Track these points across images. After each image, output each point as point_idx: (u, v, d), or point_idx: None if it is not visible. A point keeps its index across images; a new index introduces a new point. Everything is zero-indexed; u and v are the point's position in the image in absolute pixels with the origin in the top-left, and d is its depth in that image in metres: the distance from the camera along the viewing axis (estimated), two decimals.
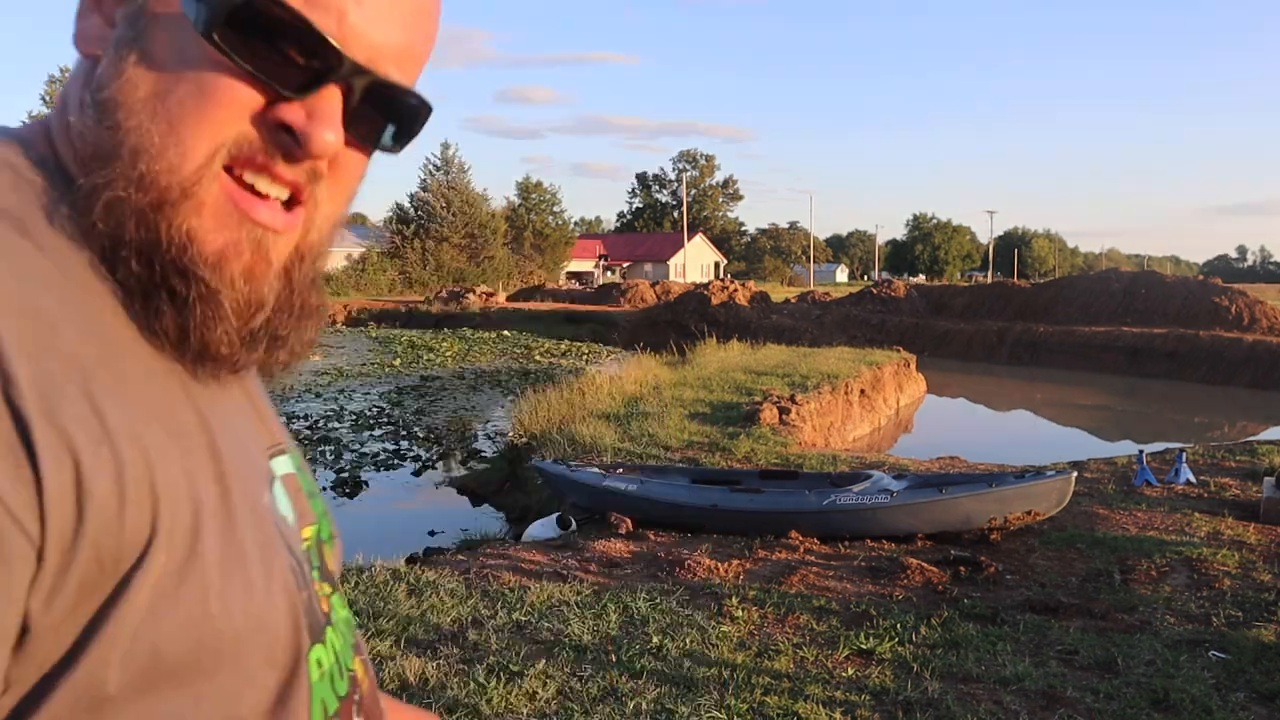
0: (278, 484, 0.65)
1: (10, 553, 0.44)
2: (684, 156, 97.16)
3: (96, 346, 0.52)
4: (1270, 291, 43.97)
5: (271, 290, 0.59)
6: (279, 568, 0.59)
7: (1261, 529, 6.34)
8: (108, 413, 0.49)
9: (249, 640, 0.55)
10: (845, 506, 6.13)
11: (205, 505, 0.53)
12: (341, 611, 0.70)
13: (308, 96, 0.56)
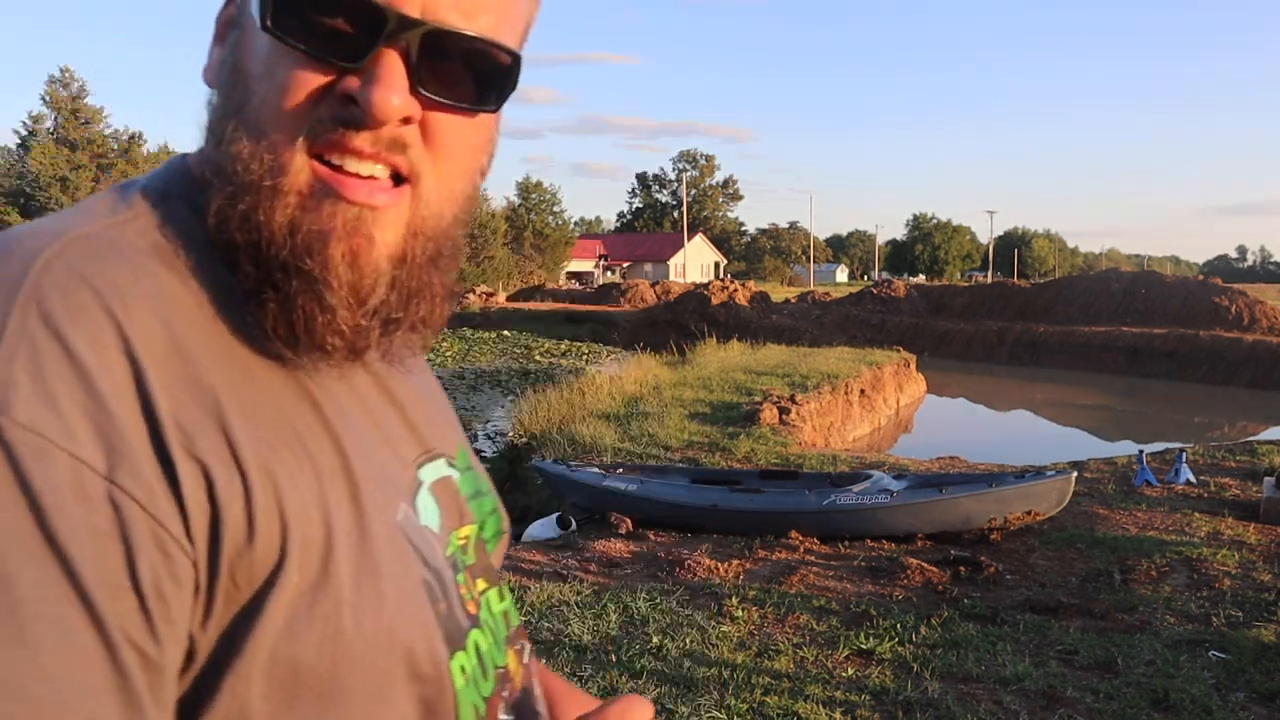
0: (423, 493, 0.66)
1: (180, 574, 0.48)
2: (684, 156, 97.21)
3: (230, 376, 0.54)
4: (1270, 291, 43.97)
5: (379, 272, 0.58)
6: (412, 583, 0.60)
7: (1261, 529, 6.34)
8: (240, 444, 0.52)
9: (385, 656, 0.56)
10: (845, 506, 6.13)
11: (338, 526, 0.55)
12: (498, 604, 0.72)
13: (364, 63, 0.55)
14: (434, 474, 0.68)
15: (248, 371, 0.56)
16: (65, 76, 37.62)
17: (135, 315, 0.51)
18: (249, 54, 0.57)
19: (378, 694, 0.56)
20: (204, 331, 0.54)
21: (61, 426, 0.46)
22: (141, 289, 0.52)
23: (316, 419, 0.58)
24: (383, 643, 0.56)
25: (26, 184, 35.88)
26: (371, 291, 0.58)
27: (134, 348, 0.50)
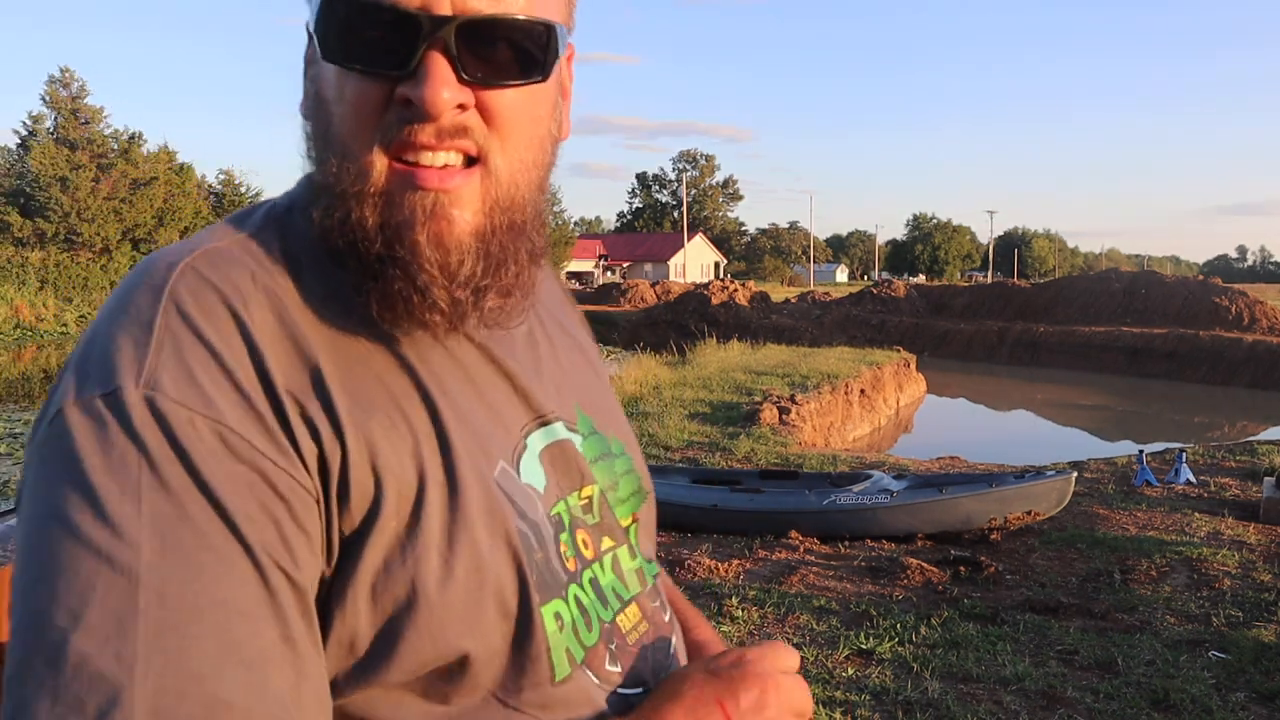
0: (529, 455, 0.73)
1: (308, 510, 0.60)
2: (684, 156, 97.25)
3: (333, 357, 0.64)
4: (1270, 291, 43.98)
5: (465, 248, 0.65)
6: (504, 532, 0.67)
7: (1261, 529, 6.35)
8: (339, 410, 0.62)
9: (476, 593, 0.65)
10: (845, 506, 6.13)
11: (430, 479, 0.65)
12: (628, 562, 0.80)
13: (412, 67, 0.62)
14: (547, 438, 0.76)
15: (350, 352, 0.66)
16: (65, 76, 37.61)
17: (252, 310, 0.62)
18: (324, 83, 0.66)
19: (468, 627, 0.65)
20: (312, 321, 0.65)
21: (202, 398, 0.58)
22: (257, 289, 0.64)
23: (414, 389, 0.67)
24: (473, 582, 0.65)
25: (26, 184, 35.87)
26: (460, 266, 0.65)
27: (252, 336, 0.61)
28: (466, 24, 0.62)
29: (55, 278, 34.97)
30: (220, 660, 0.53)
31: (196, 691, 0.52)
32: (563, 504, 0.75)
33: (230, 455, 0.58)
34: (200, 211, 41.17)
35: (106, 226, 36.61)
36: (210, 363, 0.60)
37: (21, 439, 12.02)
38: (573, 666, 0.71)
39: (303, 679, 0.57)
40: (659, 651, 0.79)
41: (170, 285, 0.62)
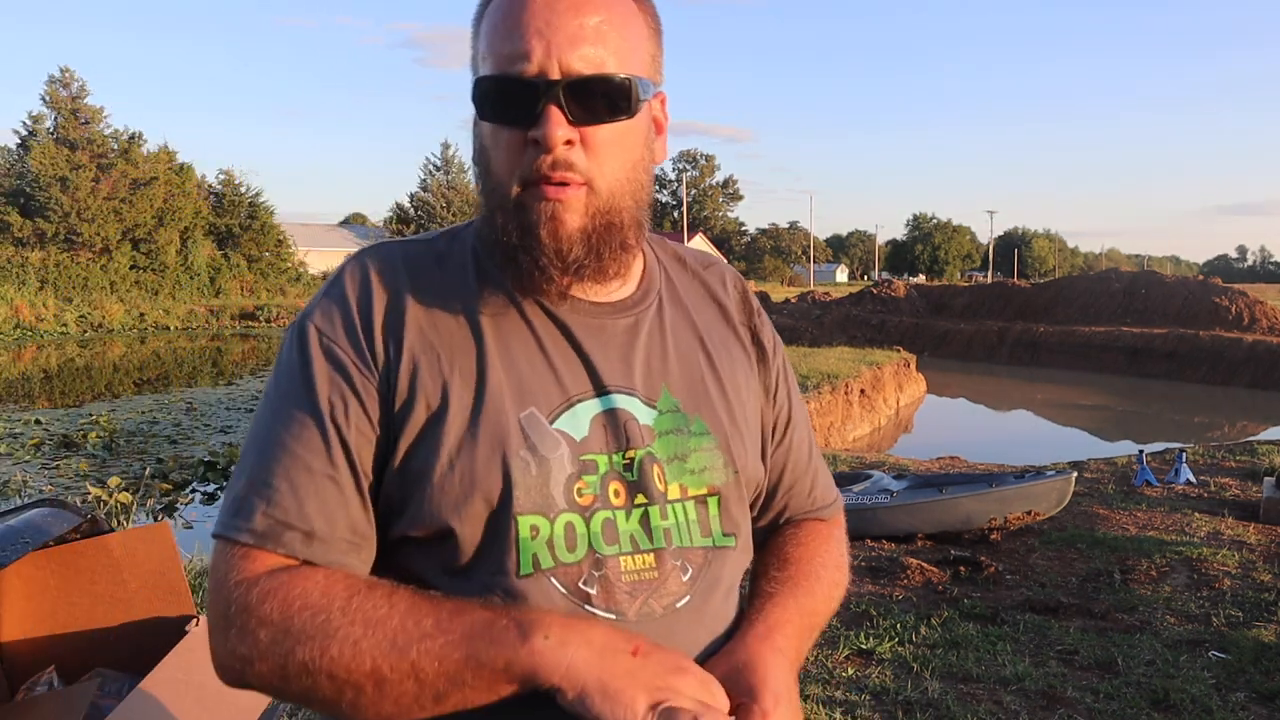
0: (574, 412, 0.93)
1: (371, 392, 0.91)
2: (684, 156, 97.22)
3: (423, 315, 0.94)
4: (1270, 291, 43.98)
5: (573, 240, 0.91)
6: (502, 454, 0.89)
7: (1261, 529, 6.35)
8: (406, 348, 0.92)
9: (467, 486, 0.88)
10: (845, 506, 6.12)
11: (454, 402, 0.90)
12: (658, 521, 0.94)
13: (537, 119, 0.88)
14: (604, 405, 0.95)
15: (439, 314, 0.94)
16: (65, 76, 37.62)
17: (382, 279, 0.95)
18: (484, 137, 0.93)
19: (455, 510, 0.89)
20: (425, 293, 0.95)
21: (329, 325, 0.93)
22: (389, 270, 0.96)
23: (472, 344, 0.93)
24: (467, 480, 0.89)
25: (26, 184, 35.86)
26: (570, 252, 0.91)
27: (372, 296, 0.94)
28: (571, 83, 0.87)
29: (55, 278, 34.95)
30: (284, 469, 0.89)
31: (259, 481, 0.89)
32: (604, 457, 0.93)
33: (328, 357, 0.92)
34: (200, 211, 41.16)
35: (106, 226, 36.59)
36: (340, 307, 0.94)
37: (21, 439, 12.01)
38: (537, 570, 0.89)
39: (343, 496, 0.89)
40: (657, 599, 0.92)
41: (346, 265, 0.98)
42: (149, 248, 38.30)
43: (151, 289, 37.88)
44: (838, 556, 1.15)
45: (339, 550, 0.89)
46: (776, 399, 1.11)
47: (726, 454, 0.99)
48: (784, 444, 1.12)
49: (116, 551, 2.26)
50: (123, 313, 34.36)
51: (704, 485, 0.98)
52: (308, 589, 0.85)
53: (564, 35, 0.87)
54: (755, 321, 1.12)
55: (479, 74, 0.91)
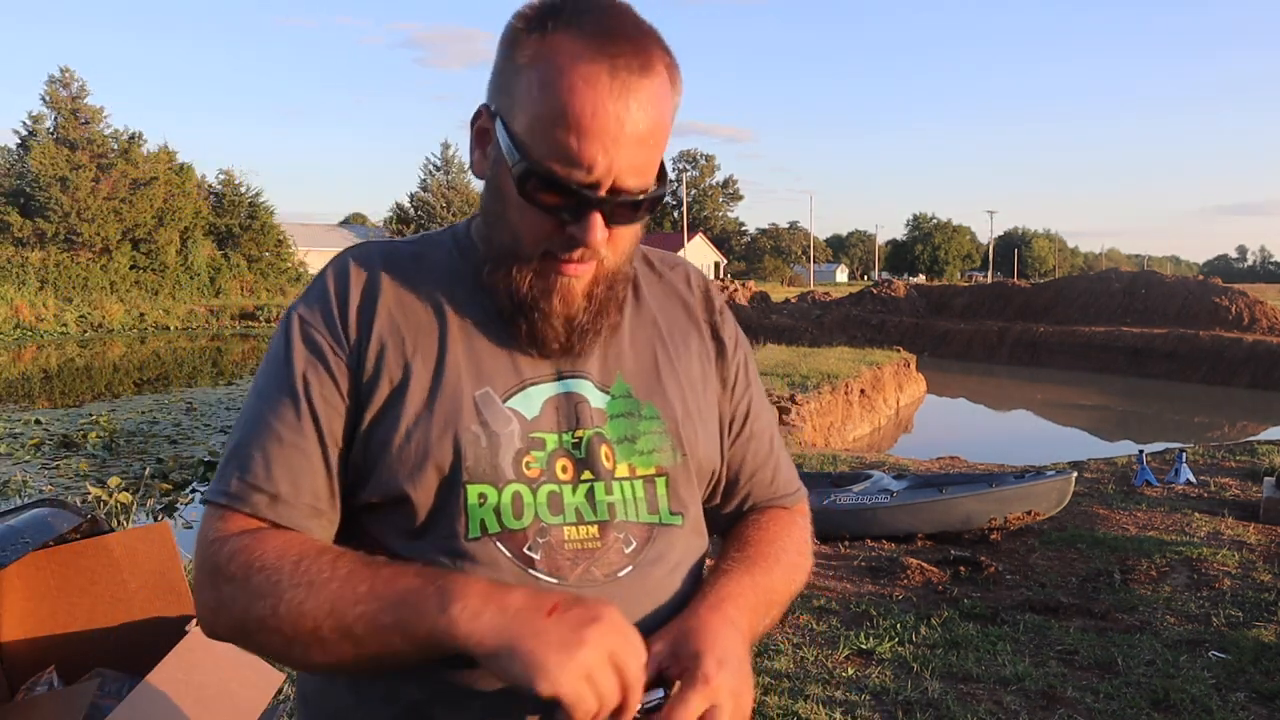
0: (528, 392, 1.02)
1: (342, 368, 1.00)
2: (684, 156, 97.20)
3: (395, 304, 1.02)
4: (1270, 291, 43.96)
5: (579, 306, 1.00)
6: (455, 428, 0.98)
7: (1261, 529, 6.35)
8: (374, 333, 1.01)
9: (420, 455, 0.97)
10: (845, 506, 6.13)
11: (414, 381, 0.99)
12: (603, 496, 1.01)
13: (581, 219, 0.94)
14: (559, 389, 1.03)
15: (406, 302, 1.03)
16: (65, 76, 37.61)
17: (360, 272, 1.04)
18: (507, 184, 0.96)
19: (409, 478, 0.97)
20: (399, 285, 1.04)
21: (310, 314, 1.03)
22: (371, 264, 1.05)
23: (437, 330, 1.02)
24: (421, 451, 0.97)
25: (26, 184, 35.85)
26: (577, 316, 1.00)
27: (349, 289, 1.03)
28: (620, 201, 0.94)
29: (55, 278, 34.95)
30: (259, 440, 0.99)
31: (240, 450, 0.99)
32: (554, 435, 1.01)
33: (306, 341, 1.01)
34: (200, 211, 41.15)
35: (106, 226, 36.58)
36: (321, 298, 1.03)
37: (21, 439, 12.01)
38: (484, 534, 0.97)
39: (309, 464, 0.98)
40: (598, 567, 0.99)
41: (331, 262, 1.07)
42: (149, 248, 38.29)
43: (151, 289, 37.87)
44: (799, 541, 1.18)
45: (301, 514, 0.98)
46: (735, 391, 1.17)
47: (675, 438, 1.06)
48: (744, 434, 1.18)
49: (116, 551, 2.26)
50: (123, 313, 34.35)
51: (652, 466, 1.05)
52: (266, 550, 0.93)
53: (626, 156, 0.92)
54: (716, 319, 1.18)
55: (520, 133, 0.93)
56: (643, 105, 0.91)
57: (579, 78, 0.90)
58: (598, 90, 0.90)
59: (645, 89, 0.92)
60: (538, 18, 0.94)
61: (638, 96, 0.91)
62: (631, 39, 0.93)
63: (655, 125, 0.93)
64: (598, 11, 0.93)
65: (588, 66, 0.90)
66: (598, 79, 0.90)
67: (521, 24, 0.95)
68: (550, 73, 0.91)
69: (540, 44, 0.92)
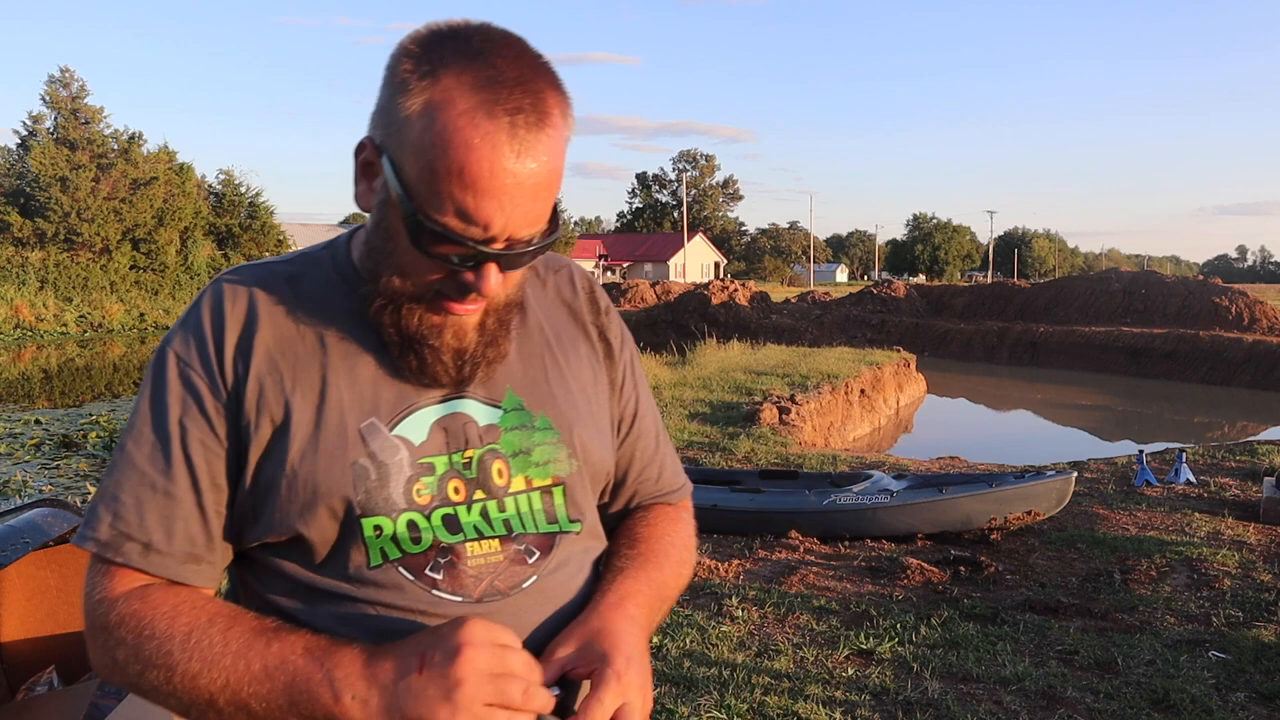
0: (414, 417, 1.01)
1: (218, 410, 0.99)
2: (684, 156, 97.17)
3: (273, 336, 1.00)
4: (1270, 291, 43.94)
5: (470, 339, 1.00)
6: (345, 460, 0.97)
7: (1261, 529, 6.34)
8: (254, 367, 0.98)
9: (309, 494, 0.96)
10: (845, 506, 6.12)
11: (297, 417, 0.97)
12: (496, 514, 1.02)
13: (474, 268, 0.93)
14: (446, 410, 1.03)
15: (288, 335, 1.01)
16: (65, 76, 37.57)
17: (236, 304, 1.01)
18: (398, 226, 0.94)
19: (304, 512, 0.97)
20: (277, 314, 1.01)
21: (185, 349, 1.00)
22: (246, 294, 1.02)
23: (318, 361, 1.00)
24: (309, 487, 0.96)
25: (26, 184, 35.82)
26: (468, 349, 1.00)
27: (225, 321, 1.00)
28: (514, 252, 0.93)
29: (55, 278, 34.93)
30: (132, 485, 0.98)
31: (111, 495, 0.98)
32: (443, 458, 1.01)
33: (182, 381, 0.99)
34: (200, 211, 41.12)
35: (106, 226, 36.56)
36: (196, 334, 1.00)
37: (21, 439, 12.01)
38: (386, 561, 0.98)
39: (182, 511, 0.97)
40: (502, 581, 1.01)
41: (206, 290, 1.04)
42: (149, 248, 38.26)
43: (151, 289, 37.87)
44: (685, 537, 1.24)
45: (176, 562, 0.98)
46: (624, 392, 1.19)
47: (570, 447, 1.07)
48: (632, 433, 1.20)
49: None
50: (123, 313, 34.35)
51: (548, 476, 1.06)
52: (155, 617, 0.94)
53: (522, 211, 0.91)
54: (602, 320, 1.18)
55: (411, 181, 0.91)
56: (540, 160, 0.90)
57: (476, 136, 0.88)
58: (496, 149, 0.88)
59: (543, 143, 0.90)
60: (426, 57, 0.90)
61: (535, 152, 0.90)
62: (526, 86, 0.90)
63: (550, 176, 0.92)
64: (490, 54, 0.90)
65: (486, 124, 0.88)
66: (496, 138, 0.88)
67: (409, 64, 0.91)
68: (445, 128, 0.88)
69: (431, 90, 0.89)
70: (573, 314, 1.16)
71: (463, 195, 0.89)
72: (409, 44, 0.93)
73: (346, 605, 0.99)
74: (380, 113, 0.94)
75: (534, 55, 0.93)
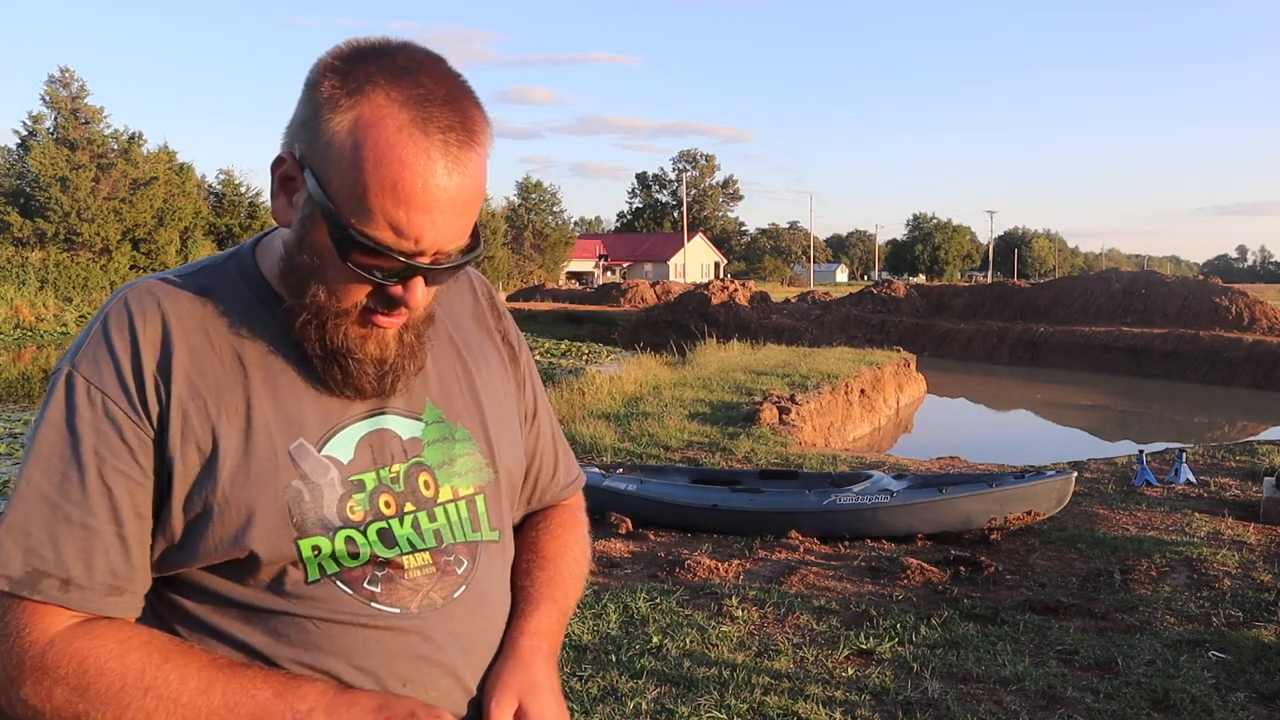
0: (341, 437, 1.01)
1: (140, 440, 0.96)
2: (684, 156, 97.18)
3: (189, 358, 0.98)
4: (1270, 291, 43.93)
5: (391, 350, 1.01)
6: (277, 484, 0.97)
7: (1261, 529, 6.34)
8: (175, 392, 0.96)
9: (243, 517, 0.95)
10: (845, 506, 6.12)
11: (225, 443, 0.96)
12: (427, 524, 1.04)
13: (402, 282, 0.95)
14: (371, 427, 1.03)
15: (206, 356, 0.98)
16: (65, 76, 37.55)
17: (146, 327, 0.98)
18: (324, 241, 0.94)
19: (238, 537, 0.96)
20: (192, 334, 0.99)
21: (96, 374, 0.96)
22: (156, 313, 0.98)
23: (240, 384, 0.99)
24: (243, 514, 0.96)
25: (26, 184, 35.81)
26: (389, 360, 1.01)
27: (139, 342, 0.97)
28: (442, 267, 0.95)
29: (55, 278, 34.93)
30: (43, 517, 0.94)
31: (20, 530, 0.93)
32: (371, 474, 1.02)
33: (96, 407, 0.95)
34: (200, 211, 41.13)
35: (106, 226, 36.56)
36: (108, 355, 0.96)
37: (21, 439, 12.01)
38: (323, 576, 0.99)
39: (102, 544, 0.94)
40: (437, 592, 1.04)
41: (110, 307, 1.00)
42: (149, 248, 38.26)
43: None
44: (583, 544, 1.29)
45: (97, 595, 0.95)
46: (525, 392, 1.23)
47: (488, 456, 1.11)
48: (533, 431, 1.24)
49: None
50: None
51: (471, 485, 1.09)
52: (104, 658, 0.92)
53: (450, 226, 0.93)
54: (503, 324, 1.23)
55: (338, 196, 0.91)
56: (468, 176, 0.92)
57: (410, 152, 0.89)
58: (430, 165, 0.90)
59: (472, 161, 0.93)
60: (353, 74, 0.91)
61: (465, 169, 0.92)
62: (454, 105, 0.92)
63: (477, 192, 0.94)
64: (416, 72, 0.92)
65: (421, 140, 0.89)
66: (430, 154, 0.90)
67: (336, 81, 0.91)
68: (378, 144, 0.89)
69: (361, 107, 0.90)
70: (478, 320, 1.20)
71: (395, 210, 0.90)
72: (332, 60, 0.93)
73: (284, 621, 0.99)
74: (302, 127, 0.93)
75: (456, 75, 0.96)
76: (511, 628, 1.12)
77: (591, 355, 24.23)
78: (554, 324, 33.16)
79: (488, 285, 1.24)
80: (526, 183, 64.65)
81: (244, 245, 1.08)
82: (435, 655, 1.03)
